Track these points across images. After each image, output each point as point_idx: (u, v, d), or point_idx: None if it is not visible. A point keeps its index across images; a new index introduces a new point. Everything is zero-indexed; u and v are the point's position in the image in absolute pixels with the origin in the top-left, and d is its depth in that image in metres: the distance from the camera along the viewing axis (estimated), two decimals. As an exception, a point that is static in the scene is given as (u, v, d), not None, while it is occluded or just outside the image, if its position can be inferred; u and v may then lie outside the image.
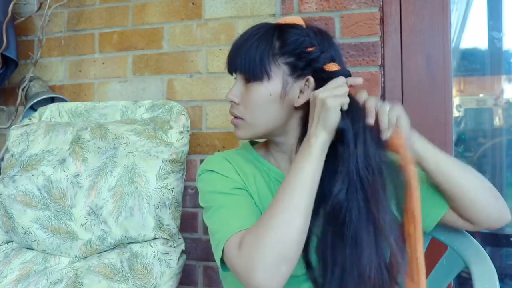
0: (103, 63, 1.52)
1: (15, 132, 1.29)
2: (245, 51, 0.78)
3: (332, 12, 1.26)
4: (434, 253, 0.92)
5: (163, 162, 1.15)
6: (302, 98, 0.78)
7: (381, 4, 1.24)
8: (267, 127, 0.80)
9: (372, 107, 0.72)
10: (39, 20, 1.48)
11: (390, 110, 0.72)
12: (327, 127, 0.70)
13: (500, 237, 1.54)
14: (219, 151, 0.92)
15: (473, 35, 1.51)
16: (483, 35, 1.50)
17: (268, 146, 0.88)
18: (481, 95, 1.59)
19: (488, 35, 1.49)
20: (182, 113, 1.28)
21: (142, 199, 1.12)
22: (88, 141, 1.20)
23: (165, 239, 1.13)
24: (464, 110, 1.60)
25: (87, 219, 1.14)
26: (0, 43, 1.36)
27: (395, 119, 0.71)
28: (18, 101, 1.47)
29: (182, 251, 1.17)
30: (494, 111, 1.55)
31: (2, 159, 1.36)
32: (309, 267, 0.74)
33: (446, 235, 0.89)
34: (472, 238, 0.86)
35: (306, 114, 0.77)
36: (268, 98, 0.77)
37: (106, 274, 1.10)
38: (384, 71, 1.24)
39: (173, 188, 1.16)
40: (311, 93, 0.76)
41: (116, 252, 1.15)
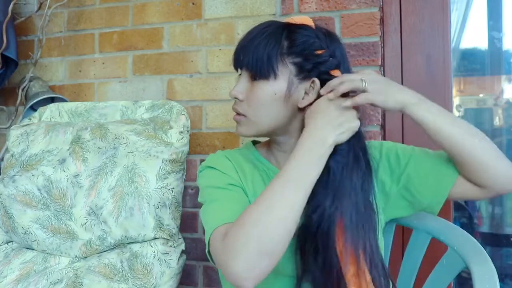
0: (103, 63, 1.53)
1: (15, 132, 1.29)
2: (253, 48, 0.77)
3: (332, 12, 1.26)
4: (434, 253, 0.92)
5: (163, 162, 1.15)
6: (307, 100, 0.78)
7: (381, 4, 1.24)
8: (270, 126, 0.80)
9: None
10: (39, 20, 1.48)
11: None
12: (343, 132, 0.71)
13: (500, 237, 1.54)
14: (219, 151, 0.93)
15: (473, 35, 1.51)
16: (483, 35, 1.50)
17: (269, 146, 0.88)
18: (481, 95, 1.59)
19: (488, 35, 1.49)
20: (182, 113, 1.28)
21: (142, 199, 1.12)
22: (88, 141, 1.20)
23: (165, 239, 1.13)
24: (464, 110, 1.60)
25: (87, 219, 1.14)
26: (0, 43, 1.36)
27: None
28: (18, 101, 1.48)
29: (182, 251, 1.17)
30: (494, 111, 1.55)
31: (2, 159, 1.36)
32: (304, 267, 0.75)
33: (446, 235, 0.89)
34: (472, 238, 0.85)
35: None
36: (273, 97, 0.77)
37: (106, 274, 1.10)
38: (384, 71, 1.24)
39: (173, 188, 1.16)
40: (315, 95, 0.77)
41: (116, 252, 1.15)
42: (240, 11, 1.36)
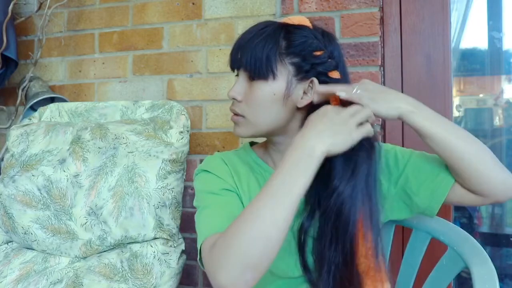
0: (103, 63, 1.53)
1: (15, 132, 1.29)
2: (251, 49, 0.76)
3: (332, 12, 1.26)
4: (434, 253, 0.92)
5: (163, 162, 1.15)
6: (306, 100, 0.78)
7: (381, 4, 1.24)
8: (268, 127, 0.80)
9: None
10: (39, 20, 1.48)
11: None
12: (338, 144, 0.68)
13: (500, 237, 1.54)
14: (219, 151, 0.93)
15: (473, 35, 1.51)
16: (483, 35, 1.50)
17: (266, 146, 0.88)
18: (481, 95, 1.59)
19: (488, 35, 1.49)
20: (182, 113, 1.28)
21: (142, 199, 1.12)
22: (88, 141, 1.20)
23: (165, 239, 1.13)
24: (464, 110, 1.60)
25: (87, 219, 1.14)
26: (0, 43, 1.36)
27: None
28: (18, 101, 1.48)
29: (182, 251, 1.17)
30: (494, 111, 1.54)
31: (2, 159, 1.36)
32: (306, 269, 0.74)
33: (446, 235, 0.89)
34: (472, 238, 0.85)
35: (308, 114, 0.77)
36: (272, 98, 0.77)
37: (106, 274, 1.10)
38: (384, 71, 1.24)
39: (173, 188, 1.16)
40: (314, 94, 0.77)
41: (116, 252, 1.15)
42: (240, 11, 1.36)
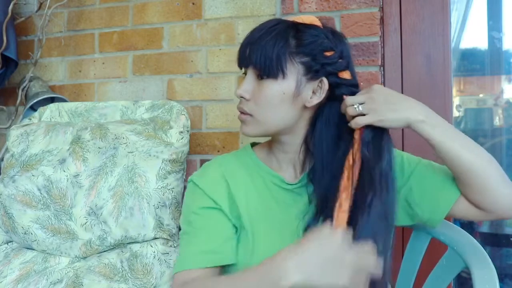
0: (103, 63, 1.53)
1: (15, 132, 1.29)
2: (261, 47, 0.75)
3: (332, 12, 1.26)
4: (434, 253, 0.92)
5: (163, 162, 1.15)
6: (315, 99, 0.78)
7: (381, 4, 1.24)
8: (277, 126, 0.79)
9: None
10: (39, 20, 1.48)
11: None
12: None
13: (500, 237, 1.54)
14: (219, 152, 0.92)
15: (473, 35, 1.51)
16: (483, 35, 1.50)
17: (270, 146, 0.87)
18: (481, 95, 1.59)
19: (488, 35, 1.49)
20: (182, 113, 1.28)
21: (142, 199, 1.12)
22: (88, 141, 1.20)
23: (165, 239, 1.13)
24: (464, 110, 1.60)
25: (87, 219, 1.14)
26: (0, 43, 1.36)
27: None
28: (18, 101, 1.48)
29: (182, 251, 1.17)
30: (494, 111, 1.54)
31: (2, 159, 1.36)
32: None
33: (446, 235, 0.89)
34: (472, 238, 0.85)
35: (315, 114, 0.79)
36: (281, 97, 0.76)
37: (106, 274, 1.10)
38: (384, 71, 1.24)
39: (173, 188, 1.16)
40: (324, 93, 0.77)
41: (116, 252, 1.15)
42: (240, 11, 1.36)
